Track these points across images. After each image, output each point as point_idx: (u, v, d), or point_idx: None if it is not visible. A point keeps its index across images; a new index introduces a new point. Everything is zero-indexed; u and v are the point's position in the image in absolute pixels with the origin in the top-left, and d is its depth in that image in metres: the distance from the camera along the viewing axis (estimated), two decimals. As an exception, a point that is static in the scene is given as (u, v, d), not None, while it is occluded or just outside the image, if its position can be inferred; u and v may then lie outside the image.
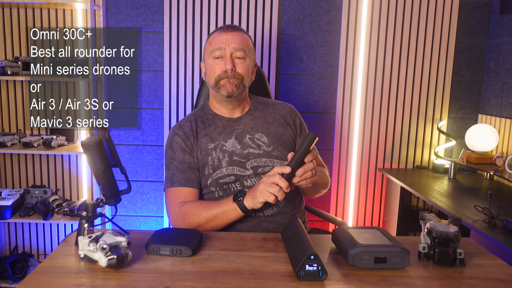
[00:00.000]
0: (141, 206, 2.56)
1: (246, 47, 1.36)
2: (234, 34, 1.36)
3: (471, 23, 2.43)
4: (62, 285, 0.85)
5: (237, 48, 1.34)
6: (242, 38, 1.37)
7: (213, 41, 1.37)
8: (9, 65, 2.25)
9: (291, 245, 1.00)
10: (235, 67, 1.34)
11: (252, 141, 1.38)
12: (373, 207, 2.53)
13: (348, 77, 2.43)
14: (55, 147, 2.27)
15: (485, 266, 0.99)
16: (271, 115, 1.45)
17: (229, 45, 1.34)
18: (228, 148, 1.36)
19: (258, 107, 1.46)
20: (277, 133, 1.42)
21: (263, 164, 1.36)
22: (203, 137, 1.38)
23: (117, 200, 1.08)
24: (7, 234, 2.55)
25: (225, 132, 1.39)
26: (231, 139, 1.38)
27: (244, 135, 1.39)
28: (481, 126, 2.32)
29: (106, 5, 2.39)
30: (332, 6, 2.39)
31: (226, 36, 1.35)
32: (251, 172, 1.35)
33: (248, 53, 1.37)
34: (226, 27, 1.39)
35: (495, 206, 1.74)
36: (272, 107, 1.48)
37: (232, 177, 1.34)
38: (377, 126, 2.47)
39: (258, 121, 1.43)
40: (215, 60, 1.36)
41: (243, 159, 1.35)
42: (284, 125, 1.44)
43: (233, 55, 1.35)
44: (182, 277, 0.89)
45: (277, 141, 1.40)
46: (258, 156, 1.36)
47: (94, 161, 1.02)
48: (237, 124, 1.41)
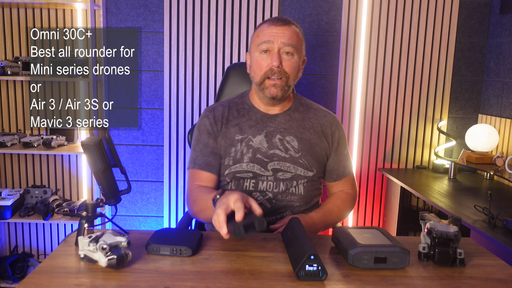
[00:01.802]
0: (141, 206, 2.56)
1: (296, 42, 1.28)
2: (284, 28, 1.28)
3: (471, 23, 2.43)
4: (62, 285, 0.85)
5: (286, 43, 1.26)
6: (293, 32, 1.28)
7: (261, 33, 1.29)
8: (9, 65, 2.25)
9: (291, 245, 1.00)
10: (282, 64, 1.27)
11: (281, 142, 1.32)
12: (373, 207, 2.53)
13: (348, 77, 2.43)
14: (55, 147, 2.27)
15: (485, 266, 0.99)
16: (310, 120, 1.37)
17: (277, 39, 1.26)
18: (254, 144, 1.31)
19: (299, 109, 1.39)
20: (310, 141, 1.34)
21: (286, 169, 1.31)
22: (233, 126, 1.34)
23: (117, 200, 1.08)
24: (7, 234, 2.55)
25: (257, 127, 1.34)
26: (260, 136, 1.33)
27: (275, 134, 1.33)
28: (481, 126, 2.32)
29: (106, 5, 2.39)
30: (332, 6, 2.39)
31: (276, 30, 1.27)
32: (271, 173, 1.30)
33: (297, 49, 1.29)
34: (277, 19, 1.30)
35: (495, 206, 1.74)
36: (314, 112, 1.40)
37: (250, 174, 1.30)
38: (377, 126, 2.47)
39: (294, 123, 1.36)
40: (261, 54, 1.29)
41: (266, 159, 1.31)
42: (320, 135, 1.36)
43: (280, 51, 1.27)
44: (182, 277, 0.89)
45: (307, 149, 1.33)
46: (282, 159, 1.31)
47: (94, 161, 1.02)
48: (271, 121, 1.35)
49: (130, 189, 1.13)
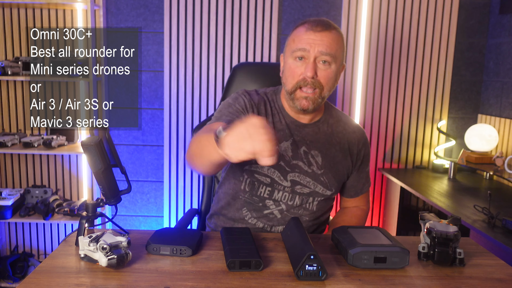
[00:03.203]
0: (141, 206, 2.56)
1: (335, 50, 1.17)
2: (324, 34, 1.16)
3: (471, 23, 2.43)
4: (62, 285, 0.85)
5: (323, 53, 1.15)
6: (332, 40, 1.17)
7: (297, 38, 1.19)
8: (9, 65, 2.25)
9: (291, 245, 1.00)
10: (317, 73, 1.17)
11: (306, 155, 1.25)
12: (373, 207, 2.53)
13: (348, 77, 2.43)
14: (55, 147, 2.27)
15: (484, 266, 0.99)
16: (338, 136, 1.30)
17: (314, 47, 1.15)
18: (280, 149, 1.23)
19: (329, 121, 1.31)
20: (335, 158, 1.28)
21: (305, 183, 1.25)
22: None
23: (117, 200, 1.08)
24: (8, 234, 2.56)
25: (284, 132, 1.25)
26: (287, 142, 1.25)
27: (301, 145, 1.26)
28: (480, 126, 2.32)
29: (106, 5, 2.39)
30: (332, 6, 2.39)
31: (314, 37, 1.16)
32: (289, 184, 1.24)
33: (335, 58, 1.18)
34: (316, 24, 1.17)
35: (494, 206, 1.74)
36: (343, 126, 1.32)
37: (268, 179, 1.24)
38: (377, 126, 2.47)
39: (321, 137, 1.28)
40: (295, 61, 1.18)
41: (288, 168, 1.24)
42: (346, 153, 1.30)
43: (317, 59, 1.16)
44: (182, 277, 0.89)
45: (330, 167, 1.27)
46: (304, 173, 1.25)
47: (94, 161, 1.02)
48: (299, 130, 1.27)
49: (130, 189, 1.13)
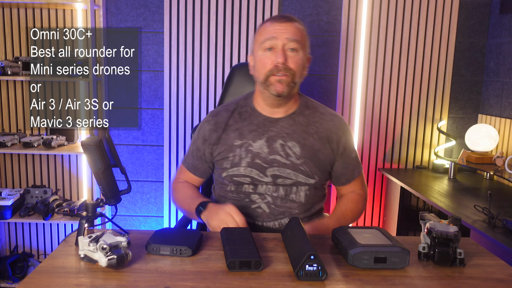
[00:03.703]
0: (141, 206, 2.56)
1: (300, 38, 1.25)
2: (288, 24, 1.25)
3: (471, 23, 2.43)
4: (62, 285, 0.85)
5: (290, 39, 1.23)
6: (296, 28, 1.26)
7: (263, 31, 1.26)
8: (9, 65, 2.25)
9: (291, 245, 1.00)
10: (287, 60, 1.23)
11: (283, 148, 1.28)
12: (373, 207, 2.53)
13: (348, 77, 2.43)
14: (55, 147, 2.27)
15: (485, 266, 0.99)
16: (315, 125, 1.32)
17: (281, 35, 1.23)
18: (254, 149, 1.28)
19: (304, 112, 1.34)
20: (313, 147, 1.29)
21: (286, 175, 1.28)
22: (232, 132, 1.32)
23: (117, 200, 1.08)
24: (7, 234, 2.56)
25: (258, 131, 1.30)
26: (261, 140, 1.29)
27: (276, 139, 1.29)
28: (481, 126, 2.32)
29: (106, 5, 2.39)
30: (332, 6, 2.39)
31: (279, 27, 1.24)
32: (270, 180, 1.28)
33: (302, 45, 1.26)
34: (279, 16, 1.28)
35: (495, 206, 1.74)
36: (320, 116, 1.34)
37: (248, 179, 1.29)
38: (377, 126, 2.47)
39: (297, 128, 1.31)
40: (265, 52, 1.25)
41: (266, 164, 1.27)
42: (324, 141, 1.31)
43: (285, 47, 1.23)
44: (182, 277, 0.89)
45: (310, 156, 1.28)
46: (283, 165, 1.27)
47: (94, 161, 1.02)
48: (273, 126, 1.31)
49: (130, 189, 1.13)
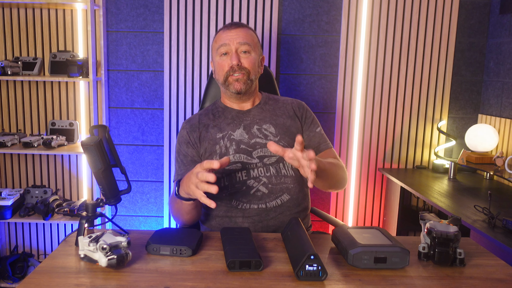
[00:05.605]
0: (141, 206, 2.56)
1: (250, 41, 1.41)
2: (238, 30, 1.41)
3: (471, 23, 2.43)
4: (62, 285, 0.85)
5: (241, 43, 1.39)
6: (246, 33, 1.42)
7: (218, 39, 1.43)
8: (9, 65, 2.25)
9: (291, 245, 1.00)
10: (241, 61, 1.39)
11: (260, 131, 1.42)
12: (373, 207, 2.53)
13: (348, 77, 2.43)
14: (55, 147, 2.27)
15: (485, 266, 0.99)
16: (281, 108, 1.49)
17: (233, 40, 1.39)
18: (236, 137, 1.40)
19: (268, 102, 1.51)
20: (285, 124, 1.45)
21: (269, 154, 1.39)
22: (212, 128, 1.43)
23: (117, 200, 1.08)
24: (7, 234, 2.56)
25: (234, 123, 1.43)
26: (240, 129, 1.42)
27: (252, 125, 1.43)
28: (481, 126, 2.32)
29: (106, 5, 2.39)
30: (332, 6, 2.39)
31: (230, 33, 1.40)
32: (258, 161, 1.38)
33: (253, 47, 1.41)
34: (230, 24, 1.44)
35: (495, 206, 1.74)
36: (283, 102, 1.53)
37: (239, 165, 1.37)
38: (377, 126, 2.47)
39: (267, 113, 1.47)
40: (221, 57, 1.41)
41: (250, 148, 1.39)
42: (293, 117, 1.47)
43: (238, 50, 1.39)
44: (182, 277, 0.89)
45: (284, 132, 1.43)
46: (264, 146, 1.40)
47: (94, 161, 1.02)
48: (246, 116, 1.45)
49: (130, 189, 1.13)
